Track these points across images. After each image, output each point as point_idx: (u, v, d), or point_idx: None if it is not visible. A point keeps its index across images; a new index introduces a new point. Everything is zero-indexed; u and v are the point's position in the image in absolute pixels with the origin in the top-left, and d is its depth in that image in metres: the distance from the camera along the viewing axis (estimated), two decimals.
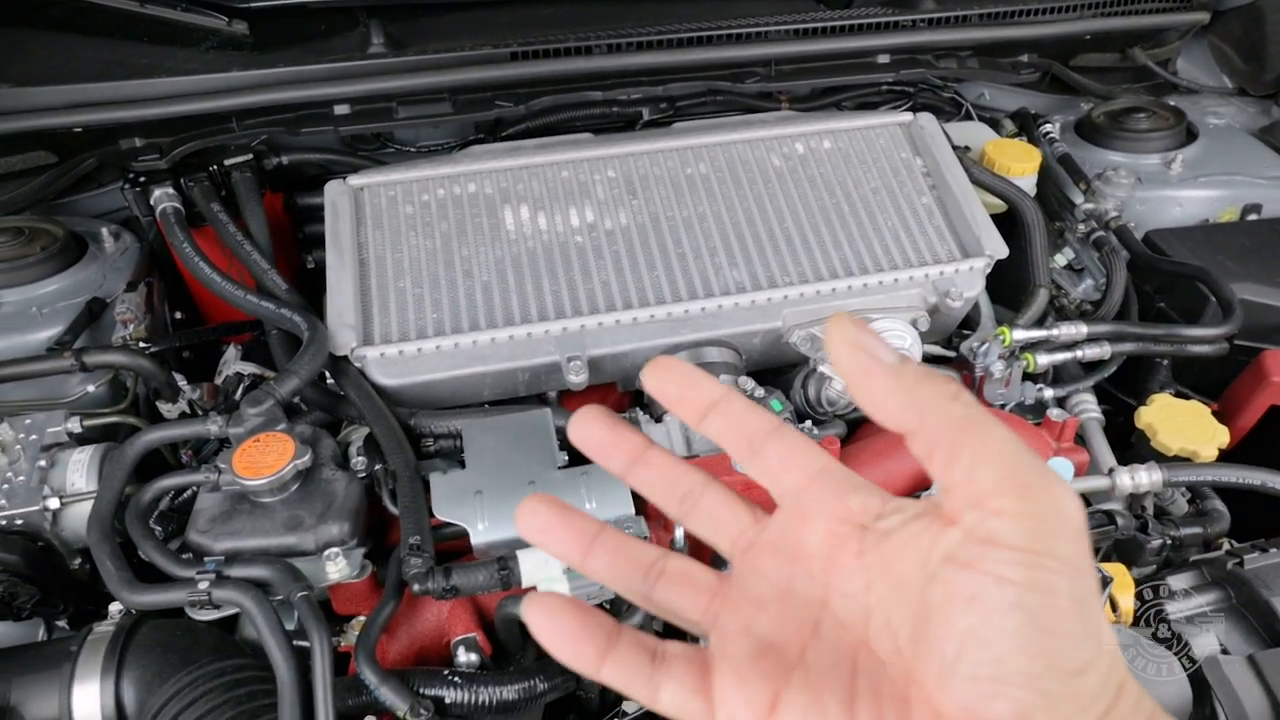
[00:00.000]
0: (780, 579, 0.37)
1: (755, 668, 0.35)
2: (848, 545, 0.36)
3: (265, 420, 0.92)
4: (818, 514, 0.37)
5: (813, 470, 0.38)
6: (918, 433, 0.33)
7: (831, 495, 0.37)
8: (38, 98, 1.18)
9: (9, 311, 1.12)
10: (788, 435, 0.38)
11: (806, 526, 0.37)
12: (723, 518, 0.40)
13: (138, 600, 0.81)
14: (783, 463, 0.38)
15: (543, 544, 0.40)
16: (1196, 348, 1.15)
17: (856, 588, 0.35)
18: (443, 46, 1.25)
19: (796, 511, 0.38)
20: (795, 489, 0.38)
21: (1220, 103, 1.56)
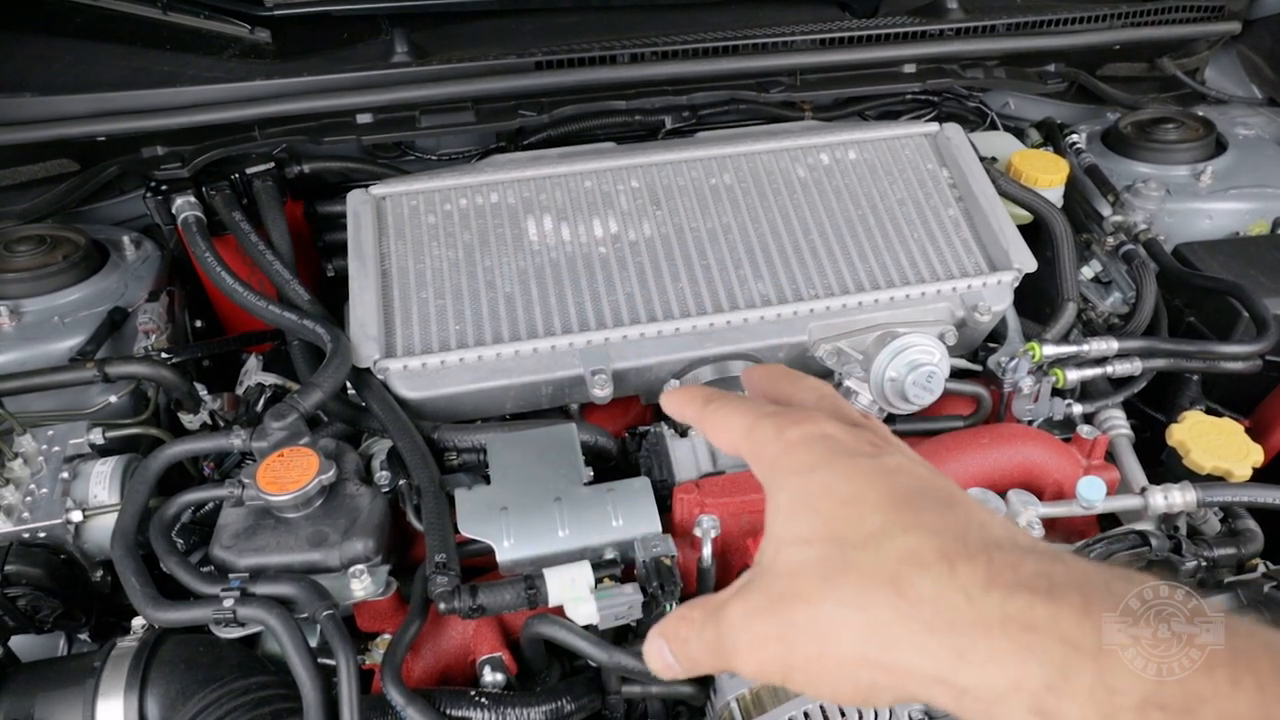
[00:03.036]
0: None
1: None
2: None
3: (289, 434, 0.91)
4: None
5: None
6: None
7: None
8: (61, 106, 1.18)
9: (31, 321, 1.12)
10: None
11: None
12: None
13: (162, 617, 0.80)
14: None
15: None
16: (1229, 364, 1.13)
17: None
18: (466, 55, 1.24)
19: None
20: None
21: (1250, 113, 1.54)
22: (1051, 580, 0.31)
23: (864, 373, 1.06)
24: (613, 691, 0.84)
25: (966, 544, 0.34)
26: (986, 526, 0.35)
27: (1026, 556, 0.33)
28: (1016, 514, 0.96)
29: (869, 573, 0.34)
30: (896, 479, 0.38)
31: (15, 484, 0.93)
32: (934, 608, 0.32)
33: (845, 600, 0.34)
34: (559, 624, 0.80)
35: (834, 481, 0.38)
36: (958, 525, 0.35)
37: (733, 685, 0.83)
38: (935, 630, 0.32)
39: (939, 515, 0.35)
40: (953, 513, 0.36)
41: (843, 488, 0.37)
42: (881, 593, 0.33)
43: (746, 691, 0.82)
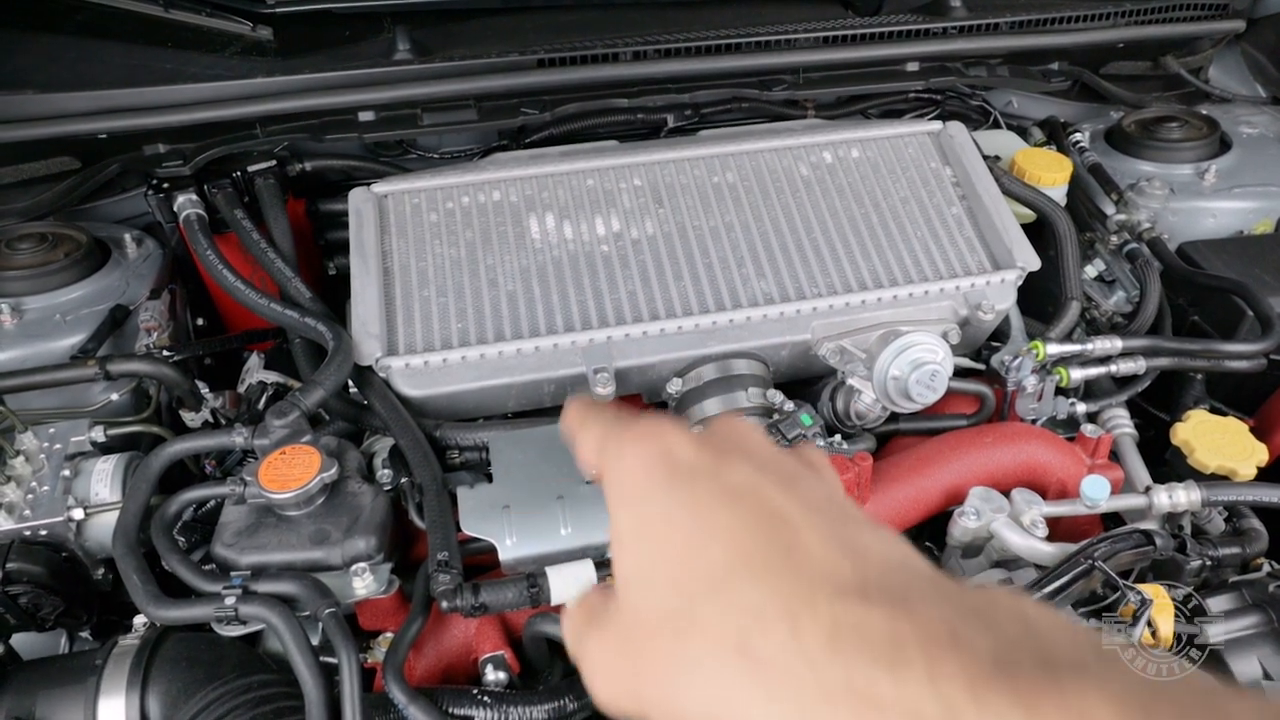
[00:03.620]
0: None
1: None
2: None
3: (291, 432, 0.91)
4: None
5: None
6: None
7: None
8: (63, 104, 1.18)
9: (32, 319, 1.12)
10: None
11: None
12: None
13: (164, 615, 0.80)
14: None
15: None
16: (1233, 363, 1.13)
17: None
18: (468, 53, 1.24)
19: None
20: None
21: (1254, 112, 1.53)
22: (896, 643, 0.28)
23: (867, 371, 1.05)
24: None
25: (813, 594, 0.31)
26: (837, 570, 0.32)
27: (873, 611, 0.30)
28: (1020, 513, 0.95)
29: (714, 631, 0.32)
30: (740, 505, 0.34)
31: (17, 481, 0.93)
32: (778, 675, 0.30)
33: (692, 661, 0.32)
34: None
35: (673, 515, 0.35)
36: (809, 570, 0.32)
37: None
38: (779, 700, 0.30)
39: (788, 558, 0.32)
40: (803, 553, 0.32)
41: (684, 520, 0.34)
42: (727, 655, 0.31)
43: None
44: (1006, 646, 0.28)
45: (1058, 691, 0.25)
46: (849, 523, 0.35)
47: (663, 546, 0.34)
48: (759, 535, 0.33)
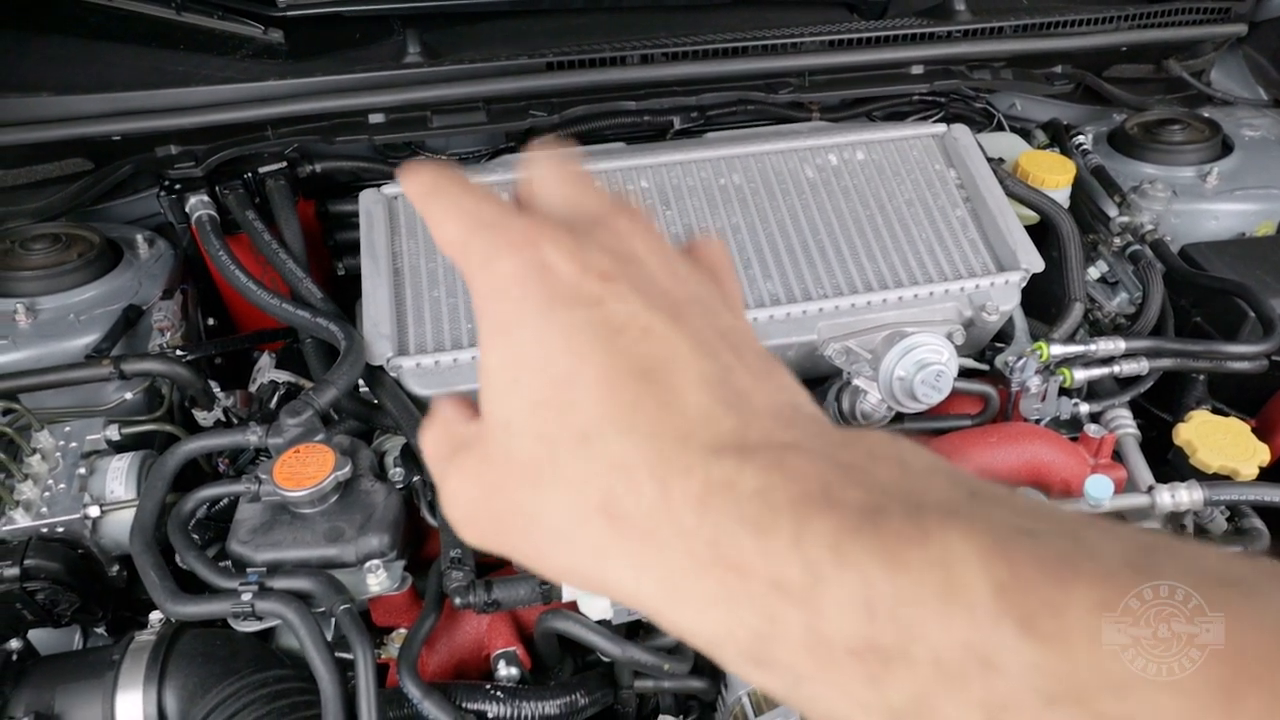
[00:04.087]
0: None
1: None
2: None
3: (304, 431, 0.92)
4: None
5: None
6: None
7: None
8: (76, 106, 1.19)
9: (46, 318, 1.13)
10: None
11: None
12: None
13: (181, 611, 0.81)
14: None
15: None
16: (1235, 364, 1.14)
17: None
18: (478, 56, 1.25)
19: None
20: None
21: (1255, 114, 1.54)
22: (767, 502, 0.26)
23: (872, 371, 1.06)
24: (625, 686, 0.85)
25: (686, 451, 0.28)
26: (715, 421, 0.29)
27: (747, 468, 0.27)
28: None
29: (578, 487, 0.29)
30: (619, 344, 0.30)
31: (34, 479, 0.94)
32: (644, 540, 0.27)
33: (556, 518, 0.30)
34: (573, 619, 0.81)
35: (546, 351, 0.30)
36: (684, 422, 0.29)
37: (744, 680, 0.84)
38: (646, 566, 0.28)
39: (663, 408, 0.29)
40: (677, 402, 0.29)
41: (557, 360, 0.30)
42: (591, 514, 0.29)
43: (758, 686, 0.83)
44: (878, 496, 0.25)
45: (921, 538, 0.24)
46: (737, 357, 0.31)
47: (531, 389, 0.30)
48: (634, 382, 0.29)
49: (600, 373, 0.29)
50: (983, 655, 0.22)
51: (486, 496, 0.32)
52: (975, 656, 0.22)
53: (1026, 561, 0.22)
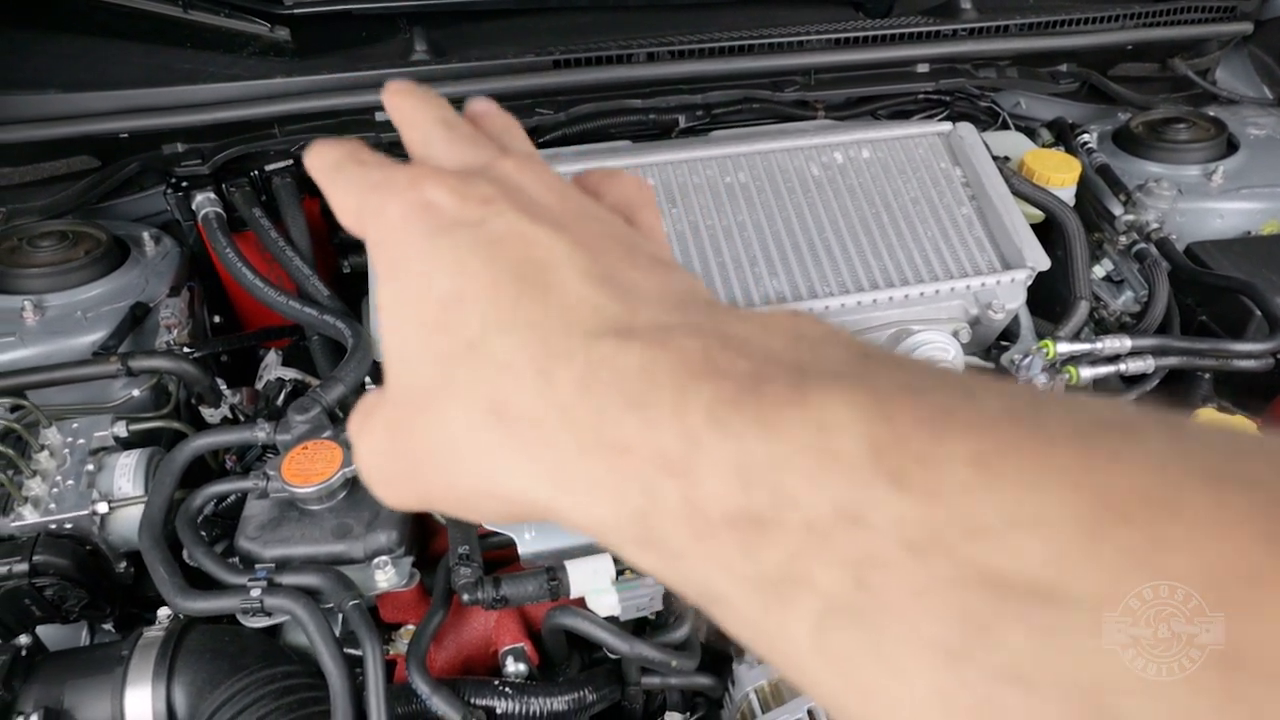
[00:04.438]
0: None
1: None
2: None
3: (312, 428, 0.92)
4: None
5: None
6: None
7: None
8: (83, 103, 1.19)
9: (54, 315, 1.13)
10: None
11: None
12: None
13: (190, 606, 0.81)
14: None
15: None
16: (1242, 362, 1.14)
17: None
18: (485, 54, 1.25)
19: None
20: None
21: (1261, 113, 1.54)
22: (650, 377, 0.25)
23: None
24: (632, 682, 0.85)
25: (569, 339, 0.27)
26: (599, 309, 0.28)
27: (632, 343, 0.26)
28: None
29: (469, 393, 0.28)
30: (500, 253, 0.29)
31: (42, 476, 0.95)
32: (533, 432, 0.27)
33: (453, 432, 0.29)
34: (580, 615, 0.81)
35: (432, 276, 0.30)
36: (565, 312, 0.28)
37: (751, 677, 0.84)
38: (536, 458, 0.27)
39: (542, 302, 0.28)
40: (558, 294, 0.28)
41: (441, 283, 0.29)
42: (483, 417, 0.28)
43: (765, 683, 0.83)
44: (762, 364, 0.24)
45: (800, 401, 0.22)
46: (627, 258, 0.30)
47: (420, 316, 0.30)
48: (515, 283, 0.29)
49: (482, 283, 0.29)
50: (852, 513, 0.21)
51: (393, 441, 0.31)
52: (845, 515, 0.21)
53: (905, 418, 0.21)
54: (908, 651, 0.20)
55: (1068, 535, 0.18)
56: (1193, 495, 0.18)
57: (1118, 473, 0.19)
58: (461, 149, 0.34)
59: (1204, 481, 0.18)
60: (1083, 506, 0.19)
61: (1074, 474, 0.19)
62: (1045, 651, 0.18)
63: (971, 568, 0.19)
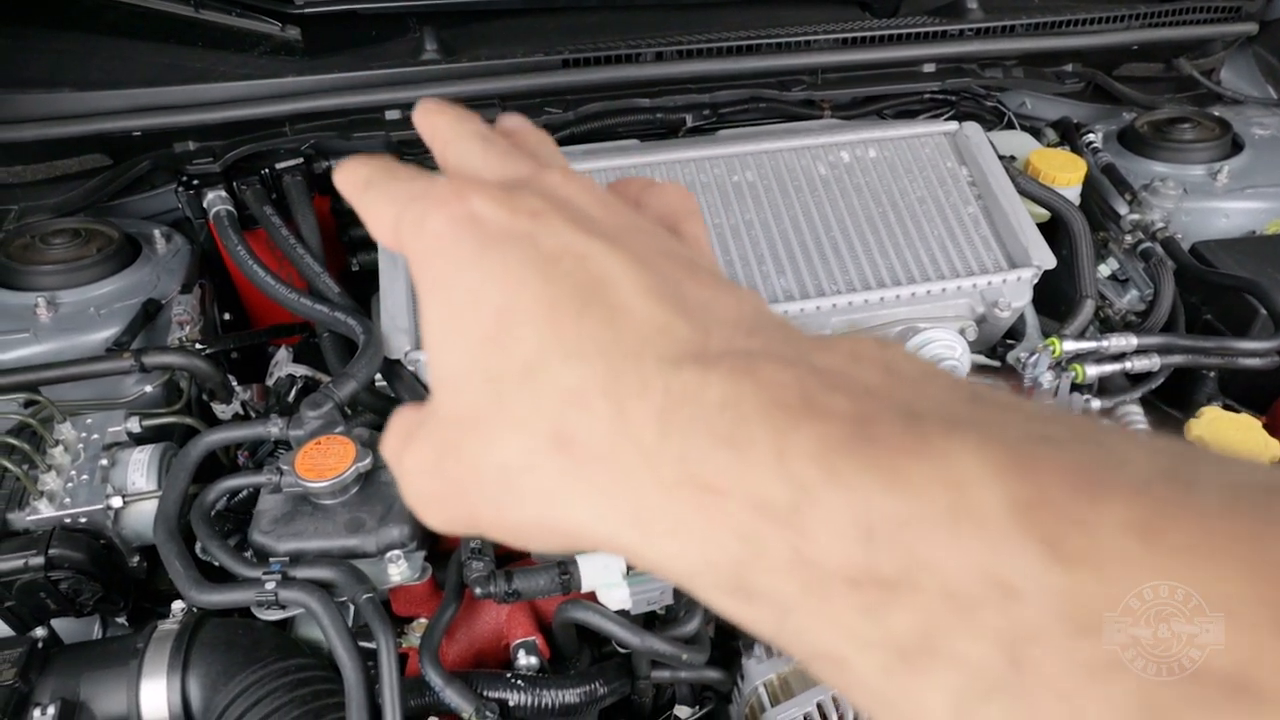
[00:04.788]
0: None
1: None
2: None
3: (325, 423, 0.93)
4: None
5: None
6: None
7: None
8: (96, 102, 1.20)
9: (67, 312, 1.14)
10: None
11: None
12: None
13: (205, 600, 0.82)
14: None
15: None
16: (1247, 360, 1.15)
17: None
18: (494, 53, 1.26)
19: None
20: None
21: (1265, 113, 1.55)
22: (738, 413, 0.23)
23: None
24: (642, 676, 0.86)
25: (640, 366, 0.25)
26: (669, 330, 0.26)
27: (711, 376, 0.24)
28: None
29: (528, 422, 0.27)
30: (559, 270, 0.27)
31: (57, 470, 0.95)
32: (605, 466, 0.25)
33: (508, 461, 0.27)
34: (591, 609, 0.82)
35: (483, 290, 0.28)
36: (634, 336, 0.26)
37: (760, 670, 0.85)
38: (609, 495, 0.25)
39: (608, 325, 0.26)
40: (624, 315, 0.26)
41: (492, 295, 0.28)
42: (545, 446, 0.26)
43: (774, 677, 0.84)
44: (866, 403, 0.22)
45: (923, 450, 0.21)
46: (690, 276, 0.28)
47: (470, 334, 0.28)
48: (576, 305, 0.27)
49: (539, 301, 0.27)
50: (1001, 581, 0.19)
51: (439, 462, 0.30)
52: (992, 583, 0.19)
53: (1048, 474, 0.19)
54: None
55: (1255, 621, 0.17)
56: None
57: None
58: (502, 162, 0.33)
59: None
60: (1265, 588, 0.17)
61: (1248, 548, 0.18)
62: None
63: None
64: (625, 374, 0.25)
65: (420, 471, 0.31)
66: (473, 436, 0.28)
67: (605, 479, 0.25)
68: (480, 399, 0.28)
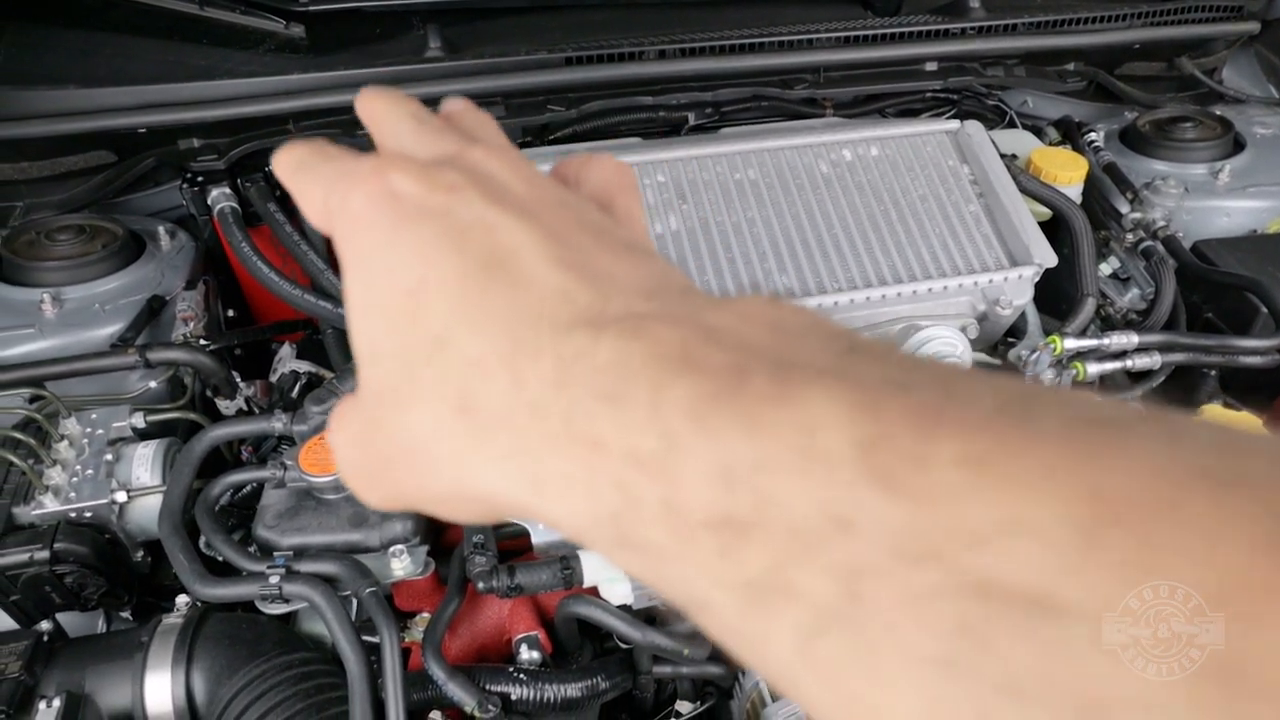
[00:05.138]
0: None
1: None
2: None
3: (328, 418, 0.93)
4: None
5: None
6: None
7: None
8: (101, 99, 1.21)
9: (72, 308, 1.15)
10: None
11: None
12: None
13: (210, 593, 0.82)
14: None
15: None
16: (1248, 359, 1.15)
17: None
18: (498, 51, 1.26)
19: None
20: None
21: (1267, 112, 1.55)
22: (623, 369, 0.24)
23: None
24: (644, 671, 0.87)
25: (538, 332, 0.26)
26: (568, 297, 0.27)
27: (604, 335, 0.25)
28: None
29: (436, 393, 0.27)
30: (467, 243, 0.28)
31: (62, 465, 0.96)
32: (504, 429, 0.26)
33: (420, 432, 0.28)
34: (593, 604, 0.83)
35: (396, 266, 0.29)
36: (534, 303, 0.27)
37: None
38: (508, 457, 0.26)
39: (510, 294, 0.27)
40: (526, 284, 0.27)
41: (405, 273, 0.28)
42: (452, 418, 0.27)
43: None
44: (743, 357, 0.23)
45: (783, 398, 0.21)
46: (598, 244, 0.29)
47: (386, 310, 0.29)
48: (482, 274, 0.27)
49: (448, 273, 0.28)
50: (840, 517, 0.20)
51: (364, 436, 0.30)
52: (832, 519, 0.20)
53: (892, 414, 0.20)
54: (900, 663, 0.19)
55: (1063, 541, 0.18)
56: (1190, 497, 0.17)
57: (1112, 472, 0.18)
58: (430, 140, 0.33)
59: (1202, 482, 0.17)
60: (1076, 510, 0.18)
61: (1067, 475, 0.18)
62: (1043, 663, 0.17)
63: (967, 576, 0.18)
64: (524, 341, 0.26)
65: (348, 446, 0.31)
66: (391, 409, 0.29)
67: (505, 441, 0.26)
68: (396, 372, 0.29)
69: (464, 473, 0.28)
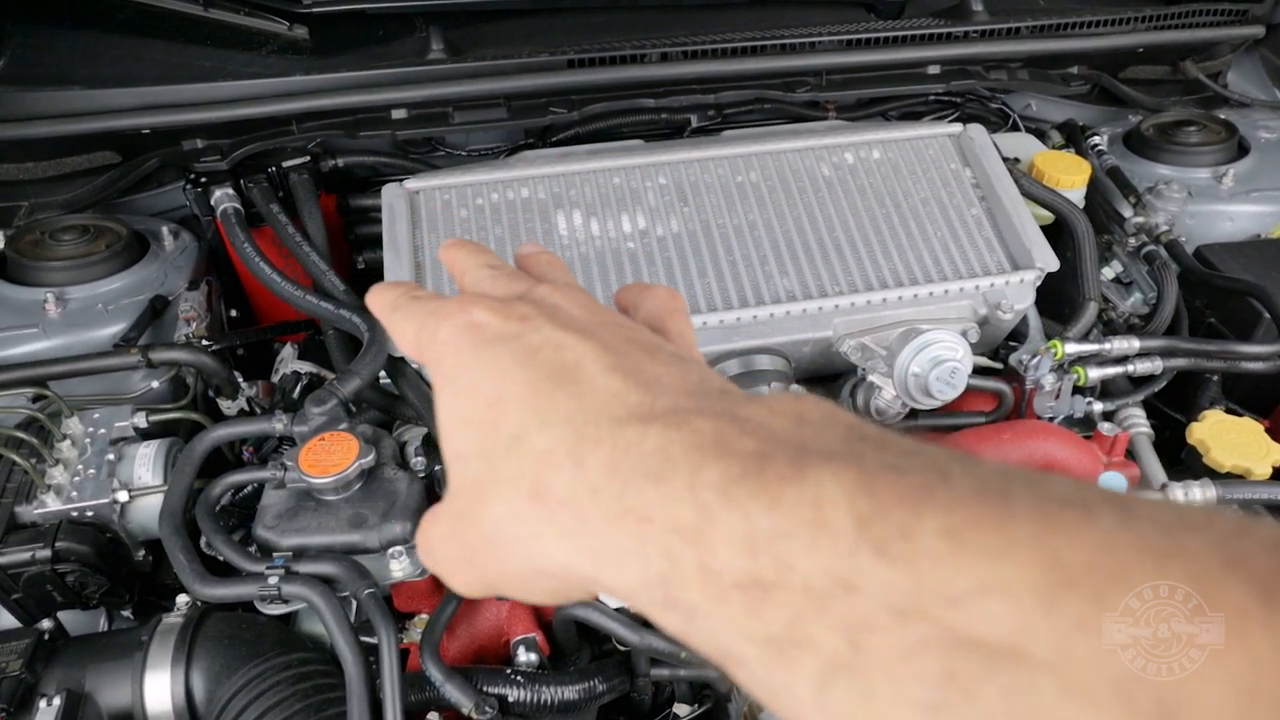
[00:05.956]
0: None
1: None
2: None
3: (329, 419, 0.94)
4: None
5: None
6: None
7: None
8: (106, 99, 1.21)
9: (75, 308, 1.15)
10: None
11: None
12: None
13: (209, 593, 0.83)
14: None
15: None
16: (1250, 364, 1.15)
17: None
18: (500, 53, 1.27)
19: None
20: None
21: (1271, 117, 1.55)
22: (666, 455, 0.28)
23: (887, 368, 1.07)
24: (642, 674, 0.87)
25: (598, 427, 0.31)
26: (623, 398, 0.32)
27: (651, 428, 0.30)
28: None
29: (513, 484, 0.32)
30: (538, 360, 0.34)
31: (64, 464, 0.96)
32: (567, 510, 0.30)
33: (500, 518, 0.33)
34: (592, 606, 0.83)
35: (479, 383, 0.35)
36: (594, 404, 0.32)
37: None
38: (572, 535, 0.30)
39: (574, 397, 0.32)
40: (588, 389, 0.32)
41: (486, 388, 0.34)
42: (527, 503, 0.32)
43: None
44: (767, 444, 0.27)
45: (798, 479, 0.26)
46: (650, 357, 0.35)
47: (470, 419, 0.34)
48: (549, 383, 0.33)
49: (521, 385, 0.33)
50: (844, 580, 0.24)
51: (453, 530, 0.35)
52: (838, 581, 0.24)
53: (888, 494, 0.24)
54: (896, 708, 0.22)
55: (1028, 601, 0.21)
56: (1136, 567, 0.21)
57: (1071, 546, 0.21)
58: (505, 282, 0.40)
59: (1147, 556, 0.21)
60: (1039, 576, 0.21)
61: (1033, 545, 0.22)
62: (1016, 707, 0.20)
63: (949, 631, 0.22)
64: (586, 434, 0.31)
65: (440, 539, 0.36)
66: (475, 502, 0.34)
67: (568, 520, 0.30)
68: (479, 470, 0.34)
69: (536, 551, 0.32)
